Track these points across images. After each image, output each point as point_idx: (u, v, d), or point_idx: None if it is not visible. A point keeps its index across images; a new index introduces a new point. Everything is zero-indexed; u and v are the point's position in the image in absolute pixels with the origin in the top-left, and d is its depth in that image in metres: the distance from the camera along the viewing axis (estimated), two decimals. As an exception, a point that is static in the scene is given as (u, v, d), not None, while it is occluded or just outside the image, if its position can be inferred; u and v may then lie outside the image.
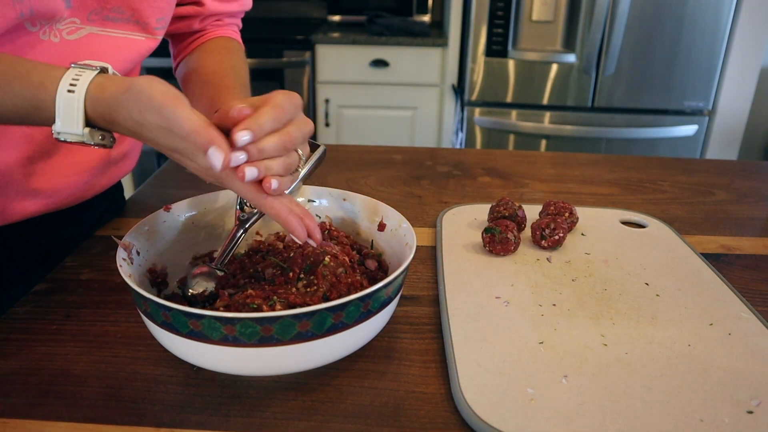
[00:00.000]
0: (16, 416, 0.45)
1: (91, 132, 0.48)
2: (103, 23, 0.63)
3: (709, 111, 2.26)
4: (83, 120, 0.47)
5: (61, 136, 0.48)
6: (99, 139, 0.49)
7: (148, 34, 0.68)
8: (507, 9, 2.15)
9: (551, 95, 2.25)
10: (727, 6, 2.08)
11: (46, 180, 0.65)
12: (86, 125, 0.47)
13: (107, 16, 0.63)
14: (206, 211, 0.61)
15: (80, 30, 0.61)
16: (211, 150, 0.44)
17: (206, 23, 0.78)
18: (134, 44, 0.67)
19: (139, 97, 0.45)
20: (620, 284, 0.62)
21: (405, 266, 0.49)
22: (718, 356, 0.51)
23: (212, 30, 0.79)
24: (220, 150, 0.44)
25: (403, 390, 0.48)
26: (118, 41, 0.65)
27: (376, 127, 2.56)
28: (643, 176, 0.99)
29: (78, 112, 0.47)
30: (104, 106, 0.47)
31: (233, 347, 0.43)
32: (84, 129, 0.47)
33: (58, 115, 0.47)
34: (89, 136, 0.48)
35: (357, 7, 2.68)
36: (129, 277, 0.47)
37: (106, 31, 0.64)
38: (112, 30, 0.64)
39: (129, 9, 0.64)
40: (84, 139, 0.48)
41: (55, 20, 0.58)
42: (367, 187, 0.91)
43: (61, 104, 0.47)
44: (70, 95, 0.46)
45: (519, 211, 0.72)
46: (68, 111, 0.47)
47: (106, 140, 0.49)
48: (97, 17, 0.62)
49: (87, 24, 0.62)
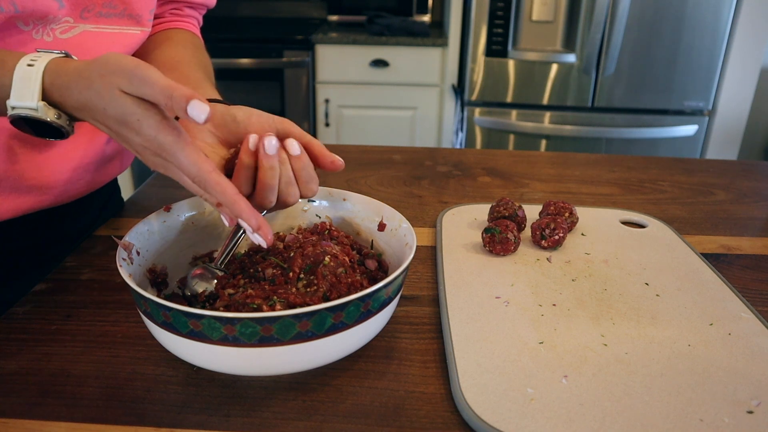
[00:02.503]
0: (16, 416, 0.45)
1: (46, 107, 0.46)
2: (97, 20, 0.62)
3: (709, 111, 2.26)
4: (39, 92, 0.45)
5: (15, 111, 0.46)
6: (54, 117, 0.46)
7: (142, 26, 0.67)
8: (507, 9, 2.16)
9: (551, 95, 2.25)
10: (727, 6, 2.08)
11: (37, 176, 0.65)
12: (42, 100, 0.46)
13: (100, 13, 0.62)
14: (206, 211, 0.61)
15: (74, 29, 0.61)
16: (192, 103, 0.42)
17: (164, 9, 0.76)
18: (128, 39, 0.67)
19: (105, 65, 0.44)
20: (620, 284, 0.62)
21: (405, 266, 0.49)
22: (718, 356, 0.51)
23: (170, 19, 0.77)
24: (203, 102, 0.42)
25: (403, 390, 0.48)
26: (113, 37, 0.65)
27: (376, 127, 2.56)
28: (643, 176, 0.99)
29: (35, 83, 0.45)
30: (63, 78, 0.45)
31: (233, 347, 0.43)
32: (39, 102, 0.45)
33: (14, 88, 0.45)
34: (44, 111, 0.46)
35: (357, 7, 2.68)
36: (129, 277, 0.47)
37: (100, 27, 0.63)
38: (106, 26, 0.64)
39: (121, 3, 0.64)
40: (38, 114, 0.46)
41: (49, 20, 0.58)
42: (367, 187, 0.91)
43: (18, 76, 0.45)
44: (29, 68, 0.45)
45: (519, 211, 0.72)
46: (25, 82, 0.45)
47: (62, 119, 0.47)
48: (90, 14, 0.62)
49: (80, 22, 0.61)
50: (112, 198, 0.85)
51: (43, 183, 0.66)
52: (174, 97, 0.42)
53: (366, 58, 2.44)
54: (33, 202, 0.66)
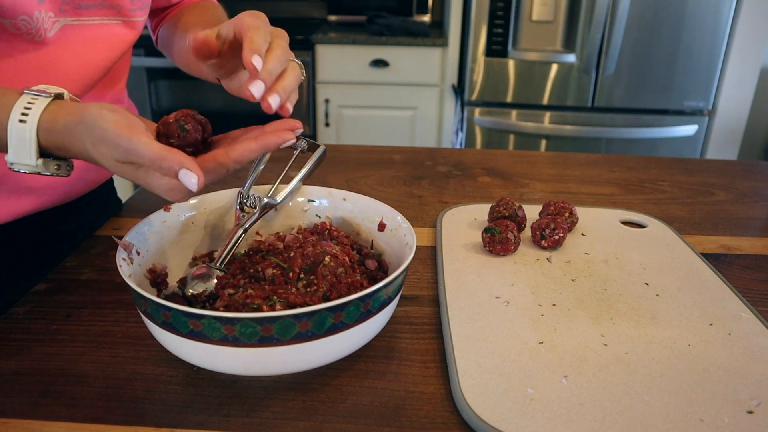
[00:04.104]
0: (16, 416, 0.45)
1: (46, 162, 0.47)
2: (76, 12, 0.62)
3: (709, 111, 2.26)
4: (36, 151, 0.46)
5: (15, 166, 0.47)
6: (54, 169, 0.48)
7: (124, 16, 0.66)
8: (507, 9, 2.16)
9: (551, 95, 2.25)
10: (727, 6, 2.08)
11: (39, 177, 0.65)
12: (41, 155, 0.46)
13: (79, 5, 0.61)
14: (206, 211, 0.61)
15: (55, 24, 0.60)
16: (182, 172, 0.42)
17: None
18: (111, 34, 0.66)
19: (92, 131, 0.43)
20: (620, 284, 0.62)
21: (405, 266, 0.49)
22: (718, 356, 0.51)
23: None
24: (193, 170, 0.42)
25: (403, 390, 0.48)
26: (94, 31, 0.64)
27: (376, 127, 2.56)
28: (643, 176, 0.99)
29: (30, 143, 0.45)
30: (57, 137, 0.45)
31: (233, 347, 0.43)
32: (38, 160, 0.46)
33: (11, 146, 0.46)
34: (44, 167, 0.47)
35: (357, 7, 2.68)
36: (129, 277, 0.47)
37: (81, 20, 0.62)
38: (86, 18, 0.63)
39: None
40: (39, 170, 0.47)
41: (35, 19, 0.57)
42: (367, 187, 0.91)
43: (13, 135, 0.45)
44: (22, 126, 0.45)
45: (519, 211, 0.72)
46: (20, 142, 0.45)
47: (62, 170, 0.48)
48: (68, 7, 0.61)
49: (60, 16, 0.60)
50: (110, 197, 0.86)
51: (44, 184, 0.66)
52: (163, 167, 0.43)
53: (366, 58, 2.44)
54: (34, 203, 0.66)
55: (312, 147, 0.61)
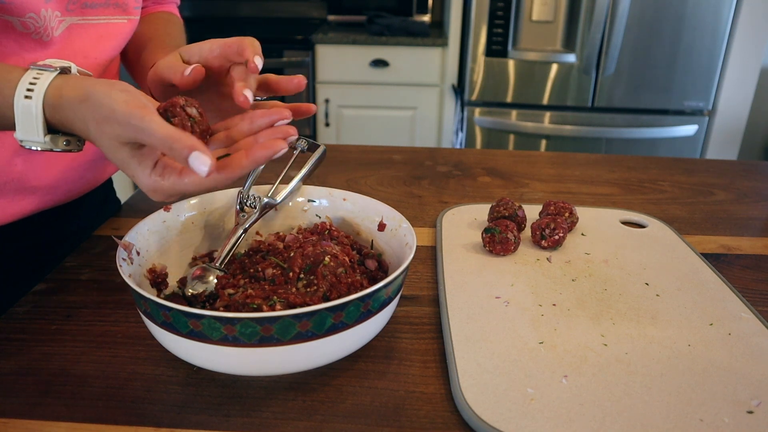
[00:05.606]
0: (16, 416, 0.45)
1: (54, 138, 0.46)
2: (83, 11, 0.62)
3: (709, 111, 2.26)
4: (44, 128, 0.45)
5: (25, 143, 0.46)
6: (64, 145, 0.47)
7: (129, 15, 0.67)
8: (507, 9, 2.16)
9: (551, 95, 2.25)
10: (727, 6, 2.08)
11: (42, 176, 0.65)
12: (48, 131, 0.46)
13: (86, 4, 0.62)
14: (206, 211, 0.61)
15: (62, 23, 0.60)
16: (193, 155, 0.41)
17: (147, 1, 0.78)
18: (116, 30, 0.66)
19: (98, 109, 0.43)
20: (620, 284, 0.62)
21: (405, 266, 0.49)
22: (718, 356, 0.51)
23: (151, 7, 0.78)
24: (205, 154, 0.41)
25: (403, 390, 0.48)
26: (100, 29, 0.64)
27: (376, 127, 2.56)
28: (643, 176, 0.99)
29: (37, 119, 0.45)
30: (61, 113, 0.45)
31: (233, 347, 0.43)
32: (46, 137, 0.45)
33: (18, 123, 0.45)
34: (52, 143, 0.46)
35: (357, 7, 2.68)
36: (129, 277, 0.47)
37: (87, 19, 0.62)
38: (93, 17, 0.63)
39: None
40: (47, 146, 0.46)
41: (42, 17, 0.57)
42: (367, 187, 0.91)
43: (20, 111, 0.45)
44: (28, 102, 0.44)
45: (519, 211, 0.72)
46: (27, 119, 0.45)
47: (71, 145, 0.47)
48: (75, 6, 0.61)
49: (67, 15, 0.60)
50: (109, 196, 0.86)
51: (48, 184, 0.66)
52: (174, 148, 0.41)
53: (366, 58, 2.44)
54: (37, 203, 0.66)
55: (312, 147, 0.61)
